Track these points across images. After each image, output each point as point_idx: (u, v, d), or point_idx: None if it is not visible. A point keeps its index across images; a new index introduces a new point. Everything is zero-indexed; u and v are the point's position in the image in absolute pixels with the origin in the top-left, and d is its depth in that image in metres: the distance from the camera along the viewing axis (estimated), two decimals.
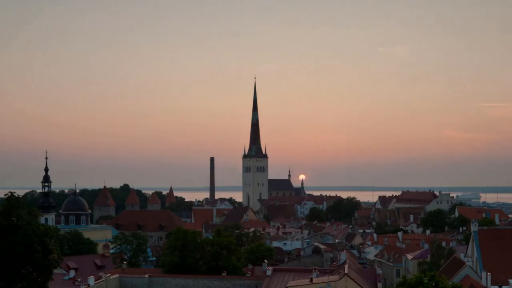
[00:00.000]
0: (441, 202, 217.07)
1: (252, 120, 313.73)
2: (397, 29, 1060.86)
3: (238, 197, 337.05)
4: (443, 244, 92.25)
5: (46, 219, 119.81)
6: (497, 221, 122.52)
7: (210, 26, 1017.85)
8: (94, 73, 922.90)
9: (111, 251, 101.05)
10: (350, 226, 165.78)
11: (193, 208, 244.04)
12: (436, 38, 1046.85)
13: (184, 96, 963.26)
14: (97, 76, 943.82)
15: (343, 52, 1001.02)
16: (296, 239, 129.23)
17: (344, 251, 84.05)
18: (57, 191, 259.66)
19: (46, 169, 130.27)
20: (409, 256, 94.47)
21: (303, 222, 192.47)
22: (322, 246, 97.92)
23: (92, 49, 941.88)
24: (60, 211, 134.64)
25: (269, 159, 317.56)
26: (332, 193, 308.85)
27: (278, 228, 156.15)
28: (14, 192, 52.31)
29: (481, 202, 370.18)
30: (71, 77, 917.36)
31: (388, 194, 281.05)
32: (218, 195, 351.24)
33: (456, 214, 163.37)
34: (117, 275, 70.53)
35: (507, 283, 55.79)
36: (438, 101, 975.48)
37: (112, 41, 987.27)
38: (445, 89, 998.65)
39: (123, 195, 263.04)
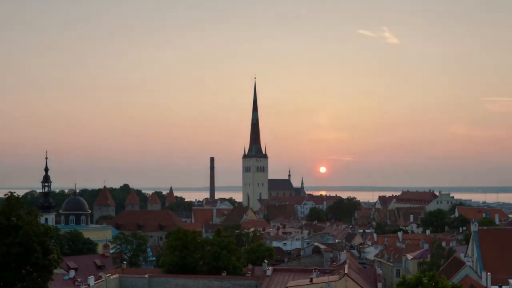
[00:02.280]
0: (441, 202, 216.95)
1: (252, 120, 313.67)
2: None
3: (238, 197, 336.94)
4: (443, 244, 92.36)
5: (46, 219, 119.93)
6: (497, 221, 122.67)
7: (210, 26, 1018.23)
8: (94, 73, 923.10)
9: (111, 251, 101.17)
10: (350, 226, 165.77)
11: (193, 208, 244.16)
12: (428, 23, 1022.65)
13: (184, 96, 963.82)
14: (97, 76, 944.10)
15: (344, 52, 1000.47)
16: (296, 239, 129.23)
17: (344, 251, 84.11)
18: (57, 191, 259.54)
19: (46, 169, 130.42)
20: (409, 256, 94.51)
21: (303, 222, 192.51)
22: (322, 246, 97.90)
23: (92, 49, 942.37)
24: (60, 211, 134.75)
25: (269, 159, 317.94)
26: (332, 193, 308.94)
27: (278, 228, 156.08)
28: (14, 192, 52.27)
29: (481, 202, 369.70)
30: (71, 77, 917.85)
31: (388, 194, 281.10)
32: (218, 195, 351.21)
33: (456, 214, 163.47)
34: (117, 275, 70.58)
35: (507, 283, 55.83)
36: (436, 96, 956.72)
37: (112, 41, 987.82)
38: (443, 81, 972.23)
39: (123, 195, 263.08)
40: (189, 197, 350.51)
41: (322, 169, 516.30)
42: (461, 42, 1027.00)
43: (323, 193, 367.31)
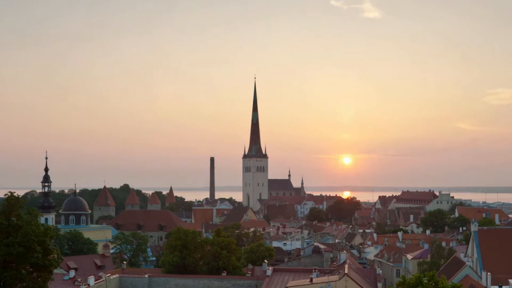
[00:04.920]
0: (441, 202, 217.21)
1: (252, 120, 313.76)
2: None
3: (238, 197, 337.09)
4: (443, 244, 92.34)
5: (46, 219, 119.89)
6: (497, 221, 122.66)
7: (210, 26, 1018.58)
8: (95, 73, 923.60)
9: (111, 251, 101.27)
10: (350, 226, 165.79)
11: (193, 208, 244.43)
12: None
13: (183, 96, 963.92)
14: (98, 76, 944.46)
15: (346, 54, 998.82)
16: (296, 239, 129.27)
17: (344, 251, 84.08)
18: (57, 191, 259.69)
19: (46, 169, 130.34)
20: (409, 256, 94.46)
21: (303, 222, 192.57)
22: (322, 246, 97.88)
23: (92, 49, 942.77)
24: (60, 211, 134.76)
25: (269, 159, 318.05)
26: (332, 193, 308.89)
27: (278, 228, 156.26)
28: (14, 192, 52.31)
29: (481, 202, 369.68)
30: (71, 77, 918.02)
31: (388, 194, 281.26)
32: (218, 195, 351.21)
33: (456, 214, 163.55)
34: (117, 275, 70.64)
35: (507, 283, 55.78)
36: (426, 84, 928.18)
37: (113, 40, 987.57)
38: (434, 66, 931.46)
39: (123, 195, 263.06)
40: (189, 197, 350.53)
41: (346, 160, 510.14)
42: (456, 18, 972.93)
43: (347, 192, 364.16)
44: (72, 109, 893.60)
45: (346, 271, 58.66)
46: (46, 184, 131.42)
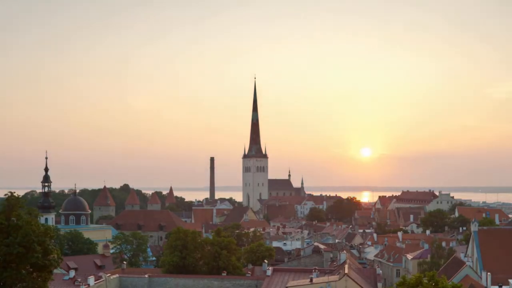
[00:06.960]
0: (441, 202, 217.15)
1: (252, 120, 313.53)
2: None
3: (238, 197, 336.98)
4: (443, 244, 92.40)
5: (46, 219, 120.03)
6: (497, 221, 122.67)
7: (210, 25, 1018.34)
8: (95, 73, 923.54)
9: (111, 251, 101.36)
10: (350, 226, 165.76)
11: (193, 208, 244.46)
12: None
13: (183, 96, 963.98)
14: (97, 76, 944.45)
15: (346, 55, 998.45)
16: (296, 239, 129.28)
17: (344, 251, 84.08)
18: (57, 191, 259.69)
19: (46, 169, 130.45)
20: (409, 256, 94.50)
21: (303, 222, 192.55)
22: (322, 246, 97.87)
23: (92, 48, 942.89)
24: (60, 211, 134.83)
25: (269, 159, 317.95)
26: (332, 193, 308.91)
27: (278, 228, 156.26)
28: (14, 192, 52.30)
29: (481, 202, 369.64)
30: (70, 77, 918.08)
31: (388, 194, 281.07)
32: (218, 195, 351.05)
33: (456, 214, 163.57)
34: (117, 275, 70.66)
35: (507, 283, 55.82)
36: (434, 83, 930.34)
37: (113, 40, 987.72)
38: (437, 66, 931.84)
39: (123, 195, 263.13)
40: (189, 197, 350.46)
41: (366, 151, 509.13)
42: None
43: (366, 192, 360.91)
44: (72, 109, 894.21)
45: (346, 271, 58.68)
46: (46, 184, 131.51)
